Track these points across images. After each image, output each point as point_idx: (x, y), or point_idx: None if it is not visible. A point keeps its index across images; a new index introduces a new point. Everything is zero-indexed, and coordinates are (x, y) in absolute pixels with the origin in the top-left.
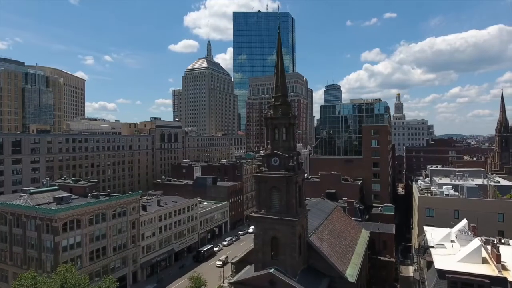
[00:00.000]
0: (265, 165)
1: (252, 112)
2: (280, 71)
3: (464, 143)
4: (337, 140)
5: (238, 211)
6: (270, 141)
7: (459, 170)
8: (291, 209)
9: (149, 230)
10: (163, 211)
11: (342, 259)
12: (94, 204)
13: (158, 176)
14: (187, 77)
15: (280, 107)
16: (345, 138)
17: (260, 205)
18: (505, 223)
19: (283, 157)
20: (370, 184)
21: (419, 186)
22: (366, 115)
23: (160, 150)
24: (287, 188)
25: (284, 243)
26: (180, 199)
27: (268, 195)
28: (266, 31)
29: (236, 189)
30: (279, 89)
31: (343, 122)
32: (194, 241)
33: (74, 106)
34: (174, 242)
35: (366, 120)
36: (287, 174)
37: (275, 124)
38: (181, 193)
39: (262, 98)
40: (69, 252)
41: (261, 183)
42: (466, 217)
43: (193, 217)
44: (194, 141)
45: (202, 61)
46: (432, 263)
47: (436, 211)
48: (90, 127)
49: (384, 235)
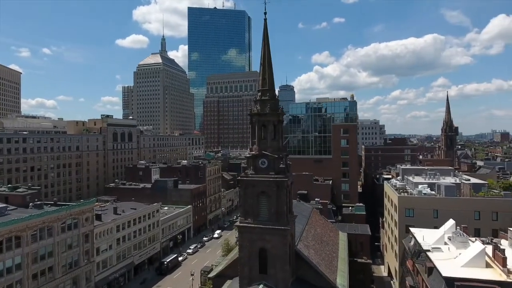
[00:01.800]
0: (251, 167)
1: (210, 111)
2: (267, 61)
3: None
4: (306, 139)
5: (202, 215)
6: (257, 140)
7: (431, 169)
8: (282, 217)
9: (105, 243)
10: (121, 220)
11: (330, 266)
12: (37, 217)
13: (111, 179)
14: (139, 73)
15: (269, 102)
16: (315, 137)
17: (246, 213)
18: (481, 221)
19: (273, 158)
20: (339, 184)
21: (394, 186)
22: (335, 113)
23: (113, 150)
24: (277, 193)
25: (275, 255)
26: (139, 205)
27: (255, 201)
28: (221, 29)
29: (200, 192)
30: (267, 82)
31: (312, 121)
32: (155, 251)
33: (8, 102)
34: (134, 254)
35: (335, 119)
36: (277, 177)
37: (263, 121)
38: (138, 198)
39: (221, 97)
40: (6, 278)
41: (247, 188)
42: (444, 216)
43: (154, 224)
44: (150, 141)
45: (156, 56)
46: (433, 268)
47: (416, 211)
48: (28, 125)
49: (361, 236)
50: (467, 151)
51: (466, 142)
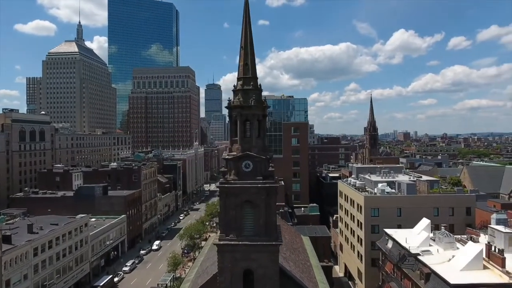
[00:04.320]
0: (232, 171)
1: (136, 107)
2: (249, 44)
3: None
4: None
5: (137, 224)
6: (239, 138)
7: (385, 167)
8: (271, 230)
9: (19, 272)
10: (40, 240)
11: (310, 278)
12: None
13: (17, 187)
14: (50, 63)
15: (253, 92)
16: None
17: (228, 227)
18: (440, 217)
19: (260, 161)
20: (290, 184)
21: (353, 185)
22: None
23: (19, 152)
24: (266, 202)
25: (263, 276)
26: (61, 219)
27: (239, 213)
28: (146, 21)
29: (135, 198)
30: (249, 69)
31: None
32: (84, 274)
33: None
34: (57, 282)
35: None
36: (266, 182)
37: (246, 115)
38: (56, 209)
39: (149, 92)
40: None
41: (229, 198)
42: (407, 214)
43: (82, 241)
44: (67, 141)
45: (71, 44)
46: (430, 274)
47: (381, 210)
48: None
49: (322, 238)
50: (387, 149)
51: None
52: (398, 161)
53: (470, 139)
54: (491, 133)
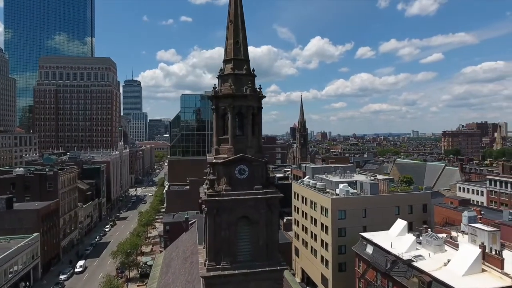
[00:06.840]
0: (223, 179)
1: (44, 102)
2: (240, 16)
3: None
4: (201, 137)
5: (53, 243)
6: (231, 136)
7: (340, 167)
8: (274, 253)
9: None
10: None
11: None
12: None
13: None
14: None
15: (248, 78)
16: (210, 135)
17: (217, 253)
18: (401, 215)
19: (258, 165)
20: None
21: (312, 186)
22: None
23: None
24: (268, 217)
25: None
26: None
27: (233, 233)
28: (54, 5)
29: (51, 212)
30: (241, 49)
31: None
32: None
33: None
34: None
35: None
36: (268, 192)
37: (240, 107)
38: None
39: (60, 85)
40: None
41: (221, 214)
42: (371, 214)
43: None
44: None
45: None
46: (432, 282)
47: (347, 212)
48: None
49: (283, 245)
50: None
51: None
52: (348, 161)
53: (378, 139)
54: (390, 133)
